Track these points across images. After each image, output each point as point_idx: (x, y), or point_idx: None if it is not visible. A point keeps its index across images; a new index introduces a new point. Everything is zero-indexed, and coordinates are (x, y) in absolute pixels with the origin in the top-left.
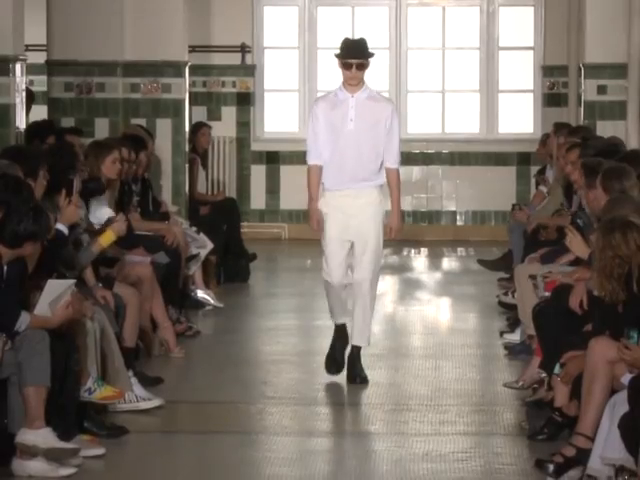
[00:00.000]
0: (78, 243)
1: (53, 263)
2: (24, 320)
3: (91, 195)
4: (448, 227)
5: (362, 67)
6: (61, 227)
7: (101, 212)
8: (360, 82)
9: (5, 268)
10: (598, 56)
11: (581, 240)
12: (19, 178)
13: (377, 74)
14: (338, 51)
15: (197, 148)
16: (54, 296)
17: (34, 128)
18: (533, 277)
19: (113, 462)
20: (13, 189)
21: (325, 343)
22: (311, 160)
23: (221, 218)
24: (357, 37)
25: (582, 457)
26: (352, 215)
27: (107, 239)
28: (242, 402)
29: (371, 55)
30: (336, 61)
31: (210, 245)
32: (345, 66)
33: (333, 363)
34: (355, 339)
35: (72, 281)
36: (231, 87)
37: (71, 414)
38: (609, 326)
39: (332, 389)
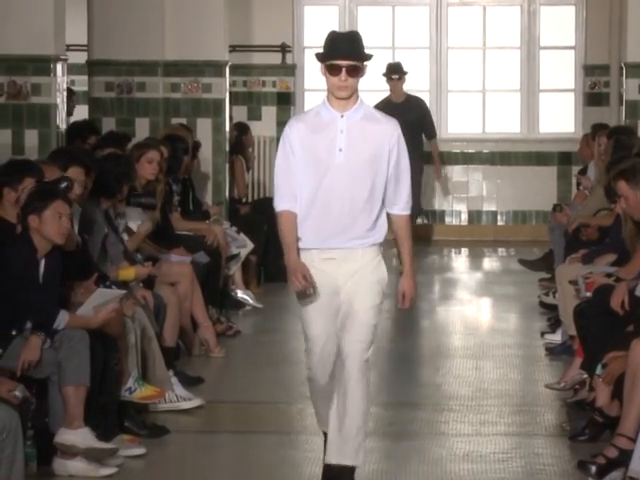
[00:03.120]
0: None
1: (90, 264)
2: (62, 318)
3: (143, 209)
4: (489, 227)
5: (355, 72)
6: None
7: (134, 213)
8: (353, 94)
9: (42, 263)
10: None
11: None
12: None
13: (417, 74)
14: (321, 50)
15: (244, 149)
16: (100, 302)
17: (75, 128)
18: (574, 282)
19: (154, 462)
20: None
21: None
22: (281, 205)
23: (261, 218)
24: (348, 30)
25: (624, 458)
26: (338, 288)
27: (126, 275)
28: (282, 402)
29: (369, 57)
30: (376, 59)
31: (250, 245)
32: (331, 70)
33: None
34: (342, 454)
35: (122, 292)
36: (271, 87)
37: (112, 414)
38: None
39: (374, 389)
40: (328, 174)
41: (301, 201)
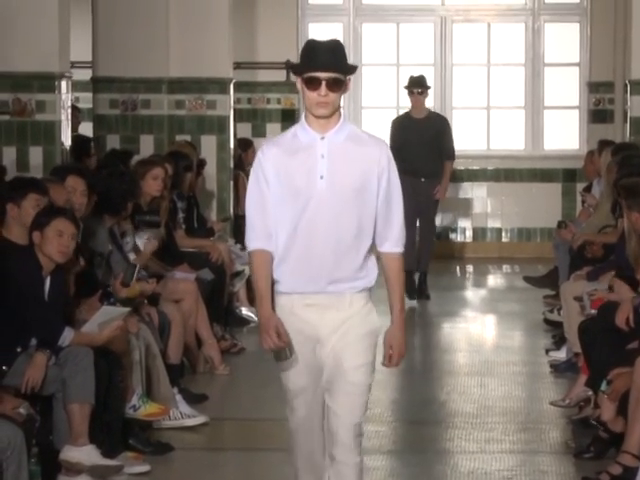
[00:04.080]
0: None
1: (95, 282)
2: (68, 335)
3: (148, 227)
4: (493, 244)
5: (337, 86)
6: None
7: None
8: (335, 112)
9: (48, 281)
10: None
11: (628, 289)
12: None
13: None
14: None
15: (245, 165)
16: (105, 319)
17: (77, 145)
18: (579, 299)
19: (158, 479)
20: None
21: (376, 362)
22: (253, 243)
23: None
24: (329, 39)
25: (629, 475)
26: (322, 340)
27: (130, 292)
28: (287, 419)
29: (352, 69)
30: (381, 76)
31: None
32: (309, 84)
33: None
34: None
35: (126, 310)
36: (276, 104)
37: (116, 431)
38: None
39: (378, 407)
40: (308, 206)
41: (278, 238)
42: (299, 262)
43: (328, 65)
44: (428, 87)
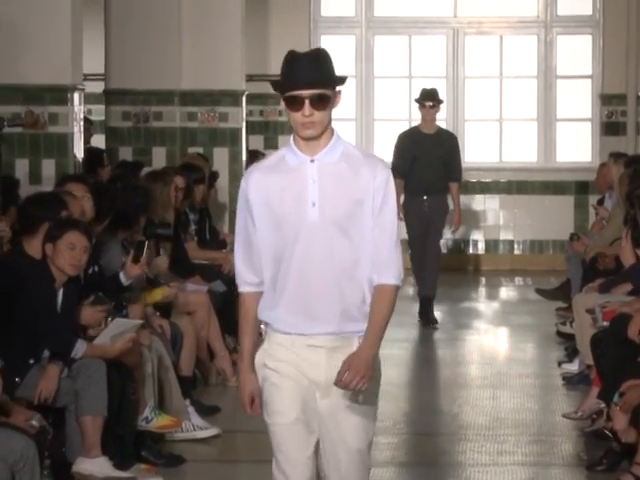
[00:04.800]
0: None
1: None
2: (80, 348)
3: (160, 239)
4: (506, 256)
5: (323, 103)
6: (122, 278)
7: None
8: (324, 131)
9: (60, 293)
10: None
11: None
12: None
13: None
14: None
15: None
16: (118, 332)
17: (90, 157)
18: (591, 311)
19: None
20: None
21: (386, 373)
22: (240, 285)
23: None
24: (311, 49)
25: None
26: (320, 383)
27: (153, 297)
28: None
29: (340, 81)
30: (393, 88)
31: None
32: (291, 103)
33: None
34: None
35: (139, 322)
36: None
37: (129, 443)
38: None
39: (391, 419)
40: (300, 237)
41: (270, 275)
42: (296, 301)
43: (310, 80)
44: (441, 101)
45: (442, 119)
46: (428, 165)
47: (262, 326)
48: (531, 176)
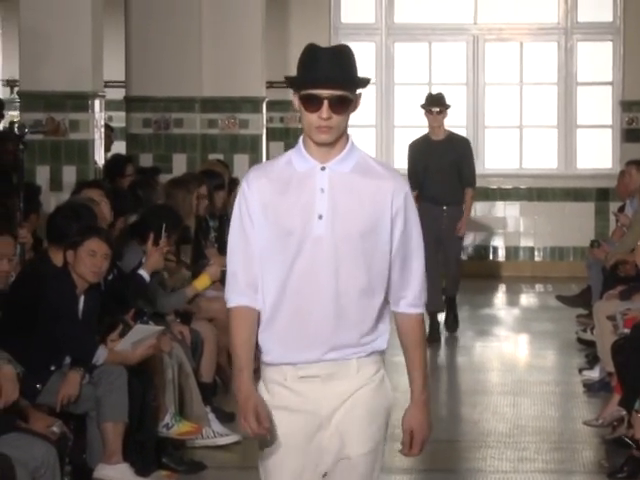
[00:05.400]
0: (163, 283)
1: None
2: (101, 354)
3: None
4: (526, 263)
5: (343, 106)
6: (143, 273)
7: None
8: (340, 138)
9: (82, 299)
10: None
11: None
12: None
13: (454, 110)
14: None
15: None
16: (138, 338)
17: (112, 163)
18: (612, 318)
19: None
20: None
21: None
22: (234, 298)
23: None
24: (333, 45)
25: None
26: (323, 419)
27: (202, 283)
28: None
29: (363, 82)
30: (413, 95)
31: None
32: (307, 103)
33: None
34: None
35: (160, 328)
36: None
37: (149, 450)
38: None
39: None
40: (302, 253)
41: (265, 294)
42: (289, 325)
43: (332, 79)
44: (448, 106)
45: (462, 126)
46: (440, 173)
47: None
48: (551, 183)
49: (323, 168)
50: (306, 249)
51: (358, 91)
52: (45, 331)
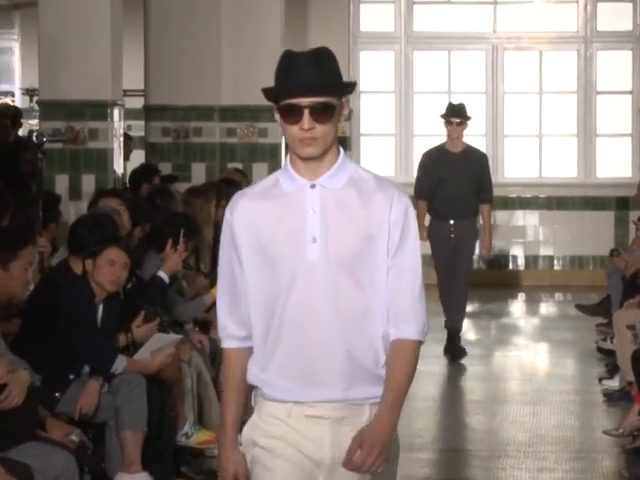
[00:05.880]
0: (181, 292)
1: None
2: (120, 363)
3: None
4: (546, 272)
5: (327, 114)
6: (162, 275)
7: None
8: (328, 150)
9: (101, 308)
10: None
11: None
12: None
13: (474, 119)
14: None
15: None
16: (157, 347)
17: (139, 171)
18: (631, 327)
19: None
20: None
21: (425, 388)
22: (224, 340)
23: None
24: (312, 48)
25: None
26: (323, 462)
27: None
28: None
29: (347, 87)
30: (432, 104)
31: None
32: (287, 114)
33: None
34: None
35: (179, 337)
36: None
37: (168, 459)
38: None
39: (430, 435)
40: (297, 281)
41: (261, 328)
42: (293, 360)
43: (311, 86)
44: (468, 117)
45: (481, 134)
46: (455, 186)
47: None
48: (571, 192)
49: (313, 186)
50: (300, 277)
51: (344, 98)
52: (64, 340)
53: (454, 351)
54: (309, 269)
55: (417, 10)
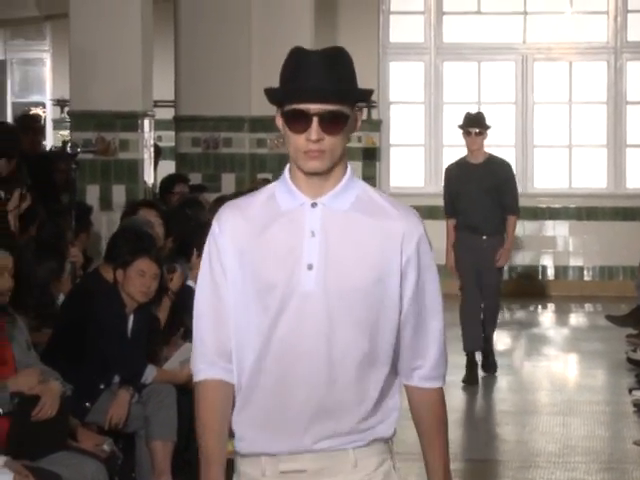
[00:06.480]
0: None
1: (182, 318)
2: (150, 373)
3: None
4: (575, 282)
5: (337, 124)
6: (191, 284)
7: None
8: (336, 166)
9: (131, 318)
10: None
11: None
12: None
13: (503, 129)
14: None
15: None
16: (187, 357)
17: (167, 181)
18: None
19: None
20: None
21: (453, 399)
22: (202, 370)
23: None
24: (325, 47)
25: None
26: None
27: None
28: None
29: (363, 95)
30: (462, 114)
31: None
32: (292, 121)
33: None
34: None
35: None
36: (357, 142)
37: (198, 469)
38: None
39: (460, 445)
40: (287, 312)
41: (240, 363)
42: (269, 404)
43: (322, 91)
44: (487, 127)
45: (511, 145)
46: (479, 199)
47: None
48: (601, 202)
49: (314, 205)
50: (291, 308)
51: (357, 107)
52: (94, 349)
53: (487, 367)
54: (301, 300)
55: (447, 21)
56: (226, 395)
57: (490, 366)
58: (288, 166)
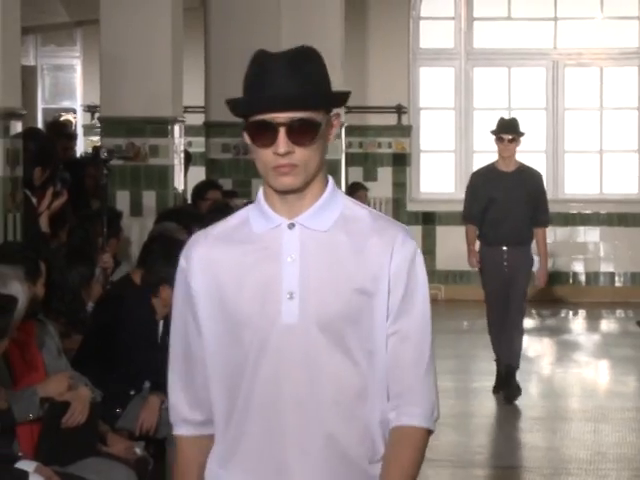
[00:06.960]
0: None
1: None
2: None
3: None
4: (606, 288)
5: (308, 133)
6: None
7: None
8: (311, 179)
9: (161, 324)
10: None
11: None
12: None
13: (534, 135)
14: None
15: None
16: None
17: (200, 188)
18: None
19: None
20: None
21: (484, 405)
22: (177, 424)
23: None
24: (293, 47)
25: None
26: None
27: None
28: None
29: (337, 99)
30: (492, 120)
31: None
32: (256, 134)
33: None
34: None
35: None
36: (387, 148)
37: None
38: None
39: (490, 452)
40: (268, 349)
41: (219, 410)
42: (260, 453)
43: (287, 97)
44: (521, 134)
45: (542, 151)
46: (507, 209)
47: None
48: (632, 208)
49: (291, 226)
50: (272, 345)
51: (334, 111)
52: (125, 355)
53: (508, 392)
54: (284, 334)
55: (477, 26)
56: (200, 450)
57: (512, 393)
58: (262, 187)
